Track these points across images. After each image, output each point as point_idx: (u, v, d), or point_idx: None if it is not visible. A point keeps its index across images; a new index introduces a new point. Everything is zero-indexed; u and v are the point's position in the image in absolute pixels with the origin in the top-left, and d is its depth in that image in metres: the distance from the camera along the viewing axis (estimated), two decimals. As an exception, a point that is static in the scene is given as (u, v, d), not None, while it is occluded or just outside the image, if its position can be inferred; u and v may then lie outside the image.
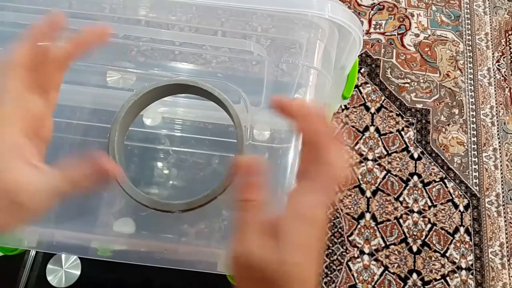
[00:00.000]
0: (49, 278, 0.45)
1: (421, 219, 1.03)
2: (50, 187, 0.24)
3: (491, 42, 1.24)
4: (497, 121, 1.15)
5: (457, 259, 1.00)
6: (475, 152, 1.11)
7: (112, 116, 0.42)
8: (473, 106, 1.16)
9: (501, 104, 1.17)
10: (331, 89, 0.40)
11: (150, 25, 0.41)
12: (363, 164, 1.07)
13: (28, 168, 0.24)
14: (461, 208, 1.04)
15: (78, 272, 0.45)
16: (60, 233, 0.33)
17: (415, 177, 1.06)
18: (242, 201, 0.26)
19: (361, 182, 1.05)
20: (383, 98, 1.15)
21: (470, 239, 1.02)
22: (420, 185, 1.06)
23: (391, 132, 1.11)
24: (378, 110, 1.13)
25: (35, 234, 0.32)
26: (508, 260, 1.01)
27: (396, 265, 0.98)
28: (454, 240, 1.01)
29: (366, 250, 0.99)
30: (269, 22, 0.37)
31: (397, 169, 1.07)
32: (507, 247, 1.02)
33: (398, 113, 1.13)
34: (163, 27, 0.41)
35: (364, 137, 1.10)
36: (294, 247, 0.24)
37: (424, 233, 1.01)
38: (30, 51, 0.25)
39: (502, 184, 1.08)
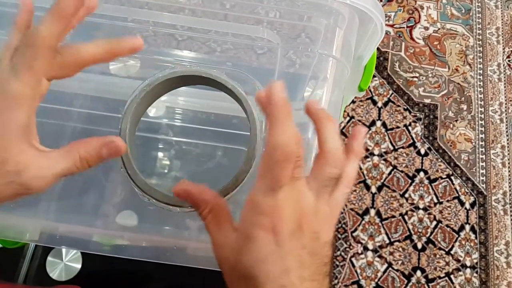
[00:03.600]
0: (49, 271, 0.44)
1: (427, 216, 1.01)
2: (55, 170, 0.25)
3: (502, 37, 1.22)
4: (506, 118, 1.13)
5: (462, 257, 0.98)
6: (483, 149, 1.09)
7: (115, 105, 0.41)
8: (482, 102, 1.14)
9: (510, 100, 1.15)
10: (347, 80, 0.38)
11: (153, 9, 0.39)
12: (368, 159, 1.05)
13: (33, 151, 0.24)
14: (467, 205, 1.03)
15: (78, 266, 0.44)
16: (62, 226, 0.31)
17: (422, 173, 1.05)
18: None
19: (367, 177, 1.03)
20: (390, 92, 1.12)
21: (476, 237, 1.00)
22: (426, 182, 1.04)
23: (398, 127, 1.09)
24: (385, 104, 1.11)
25: (37, 227, 0.31)
26: (514, 259, 0.99)
27: (400, 262, 0.97)
28: (459, 238, 1.00)
29: (370, 247, 0.98)
30: (283, 7, 0.35)
31: (403, 165, 1.05)
32: (513, 246, 1.01)
33: (405, 107, 1.11)
34: (167, 12, 0.39)
35: (370, 131, 1.08)
36: (242, 234, 0.25)
37: (429, 230, 1.00)
38: (59, 32, 0.24)
39: (509, 182, 1.06)
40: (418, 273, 0.96)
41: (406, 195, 1.03)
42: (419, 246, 0.98)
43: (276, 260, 0.24)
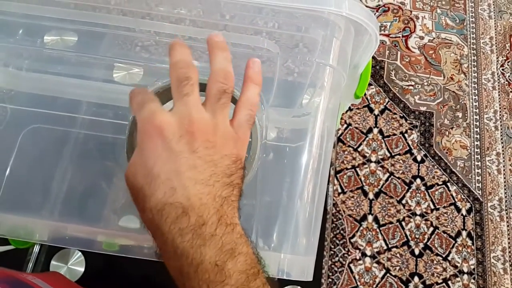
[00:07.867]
0: (52, 274, 0.44)
1: (424, 222, 1.02)
2: None
3: (496, 46, 1.24)
4: (501, 125, 1.14)
5: (459, 263, 0.99)
6: (478, 156, 1.11)
7: (119, 111, 0.42)
8: (477, 110, 1.16)
9: (504, 108, 1.17)
10: (344, 88, 0.39)
11: (155, 20, 0.40)
12: (366, 166, 1.06)
13: None
14: (464, 212, 1.04)
15: (82, 269, 0.44)
16: (70, 228, 0.32)
17: (418, 180, 1.06)
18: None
19: (364, 184, 1.04)
20: (387, 100, 1.14)
21: (472, 243, 1.01)
22: (423, 188, 1.05)
23: (394, 134, 1.11)
24: (381, 112, 1.13)
25: (46, 228, 0.32)
26: (511, 265, 1.00)
27: (398, 268, 0.98)
28: (456, 244, 1.01)
29: (368, 253, 0.98)
30: (282, 18, 0.36)
31: (400, 172, 1.07)
32: (509, 252, 1.02)
33: (401, 115, 1.13)
34: (168, 22, 0.40)
35: (367, 138, 1.09)
36: (137, 150, 0.27)
37: (426, 236, 1.01)
38: None
39: (505, 189, 1.07)
40: (416, 279, 0.97)
41: (403, 202, 1.04)
42: (417, 252, 0.99)
43: (165, 163, 0.25)
